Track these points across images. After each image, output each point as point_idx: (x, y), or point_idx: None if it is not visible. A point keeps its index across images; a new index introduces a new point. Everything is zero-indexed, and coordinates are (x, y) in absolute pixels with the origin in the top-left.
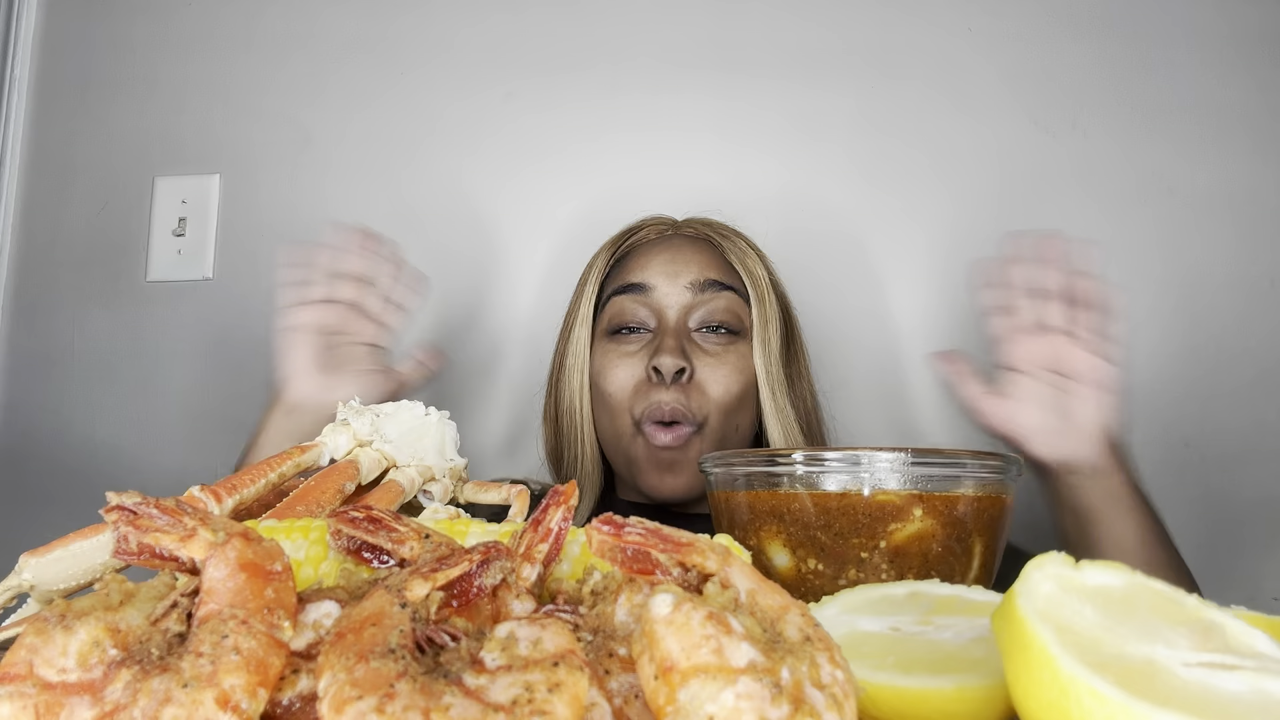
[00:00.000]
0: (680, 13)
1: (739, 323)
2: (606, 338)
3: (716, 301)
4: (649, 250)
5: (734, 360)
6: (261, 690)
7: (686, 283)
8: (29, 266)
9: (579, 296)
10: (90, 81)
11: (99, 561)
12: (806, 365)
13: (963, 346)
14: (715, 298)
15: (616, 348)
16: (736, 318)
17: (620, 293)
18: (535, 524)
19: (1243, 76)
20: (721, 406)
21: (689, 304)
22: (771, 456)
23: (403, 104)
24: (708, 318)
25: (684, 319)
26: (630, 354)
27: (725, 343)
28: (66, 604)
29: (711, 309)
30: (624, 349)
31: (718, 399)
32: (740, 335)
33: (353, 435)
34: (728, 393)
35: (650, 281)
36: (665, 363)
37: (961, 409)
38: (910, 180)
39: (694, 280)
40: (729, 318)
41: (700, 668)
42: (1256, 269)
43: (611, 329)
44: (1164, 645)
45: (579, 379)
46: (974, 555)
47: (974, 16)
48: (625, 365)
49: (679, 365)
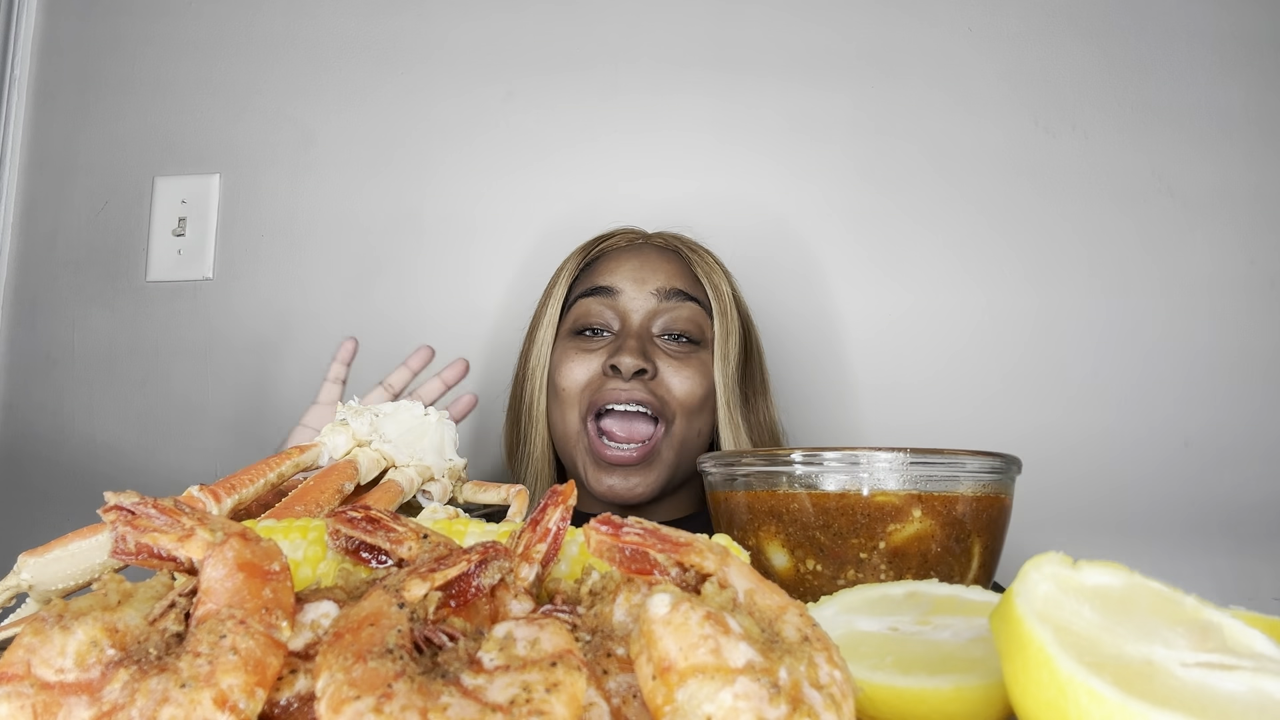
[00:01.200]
0: (679, 13)
1: (700, 333)
2: (569, 337)
3: (680, 310)
4: (618, 256)
5: (696, 365)
6: (259, 690)
7: (653, 289)
8: (29, 266)
9: (547, 298)
10: (90, 81)
11: (97, 561)
12: (766, 383)
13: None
14: (679, 306)
15: (576, 345)
16: (698, 328)
17: (587, 295)
18: (533, 524)
19: (1243, 77)
20: (686, 407)
21: (653, 310)
22: (771, 456)
23: (402, 104)
24: (670, 325)
25: (647, 324)
26: (590, 351)
27: (687, 350)
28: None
29: (674, 317)
30: (584, 346)
31: (682, 399)
32: (701, 345)
33: (352, 435)
34: (691, 394)
35: (617, 285)
36: (625, 362)
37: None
38: (910, 180)
39: (660, 287)
40: (691, 327)
41: (698, 668)
42: (1256, 269)
43: (575, 329)
44: (1162, 645)
45: (539, 378)
46: (973, 555)
47: (974, 16)
48: (582, 362)
49: (639, 365)
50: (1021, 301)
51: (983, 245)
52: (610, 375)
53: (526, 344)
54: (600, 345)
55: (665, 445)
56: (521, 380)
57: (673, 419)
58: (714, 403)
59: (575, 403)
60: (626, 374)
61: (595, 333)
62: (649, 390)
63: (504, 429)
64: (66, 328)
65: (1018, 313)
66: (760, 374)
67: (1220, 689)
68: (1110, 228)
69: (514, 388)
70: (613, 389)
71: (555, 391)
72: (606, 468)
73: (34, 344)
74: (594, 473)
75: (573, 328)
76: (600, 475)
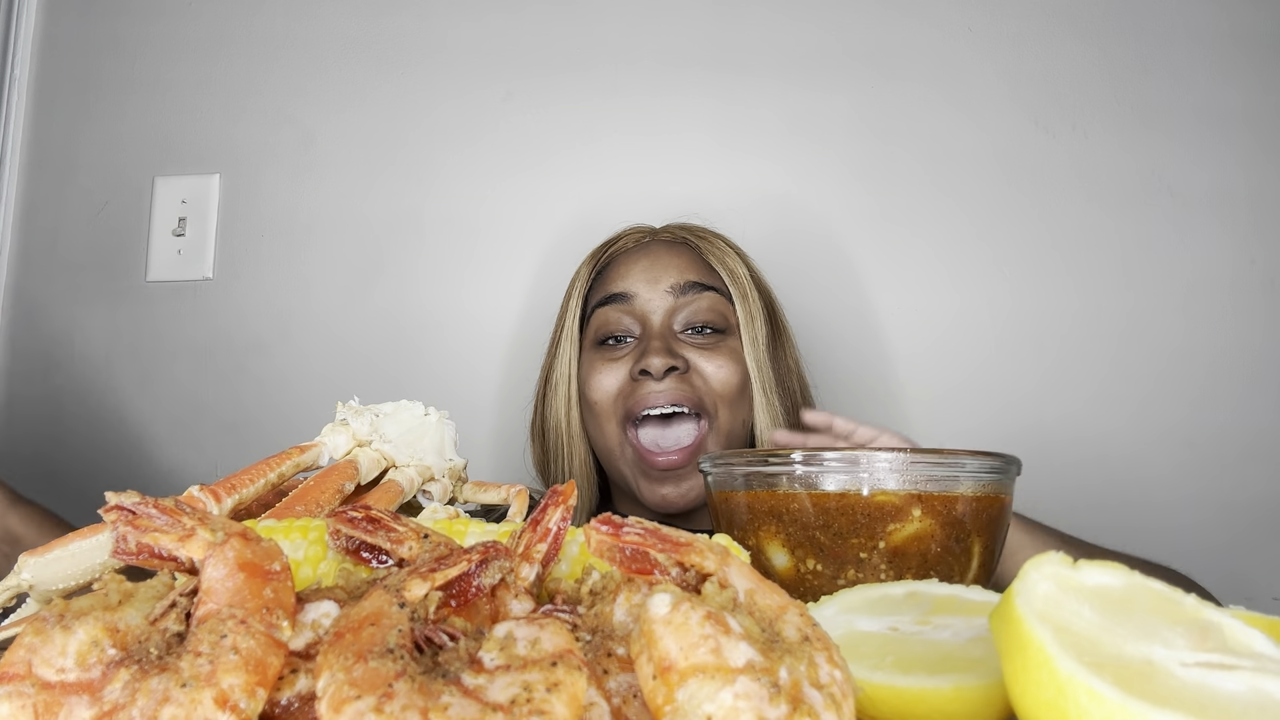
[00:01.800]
0: (679, 14)
1: (724, 321)
2: (593, 349)
3: (699, 302)
4: (628, 259)
5: (727, 352)
6: (260, 690)
7: (667, 286)
8: (29, 266)
9: (564, 312)
10: (90, 81)
11: (98, 561)
12: (795, 357)
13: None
14: (697, 299)
15: (601, 356)
16: (721, 316)
17: (603, 304)
18: (534, 524)
19: (1242, 77)
20: (725, 397)
21: (672, 307)
22: (770, 456)
23: (402, 104)
24: (692, 319)
25: (668, 322)
26: (615, 359)
27: (714, 341)
28: (65, 604)
29: (695, 310)
30: (609, 356)
31: (719, 388)
32: (727, 333)
33: (352, 435)
34: (727, 382)
35: (631, 289)
36: (654, 363)
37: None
38: (910, 180)
39: (674, 283)
40: (713, 317)
41: (698, 667)
42: (1256, 269)
43: (598, 340)
44: (1162, 645)
45: (565, 392)
46: (973, 555)
47: (974, 16)
48: (610, 371)
49: (668, 364)
50: (1020, 302)
51: (981, 246)
52: (640, 380)
53: (548, 361)
54: (625, 352)
55: (711, 441)
56: (545, 398)
57: (715, 412)
58: (751, 390)
59: (611, 414)
60: (658, 374)
61: (618, 340)
62: (684, 386)
63: (531, 450)
64: (66, 328)
65: (1016, 313)
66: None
67: (1220, 689)
68: (1109, 228)
69: (538, 407)
70: (647, 393)
71: (588, 405)
72: (658, 477)
73: (34, 344)
74: (646, 484)
75: (595, 339)
76: (653, 486)
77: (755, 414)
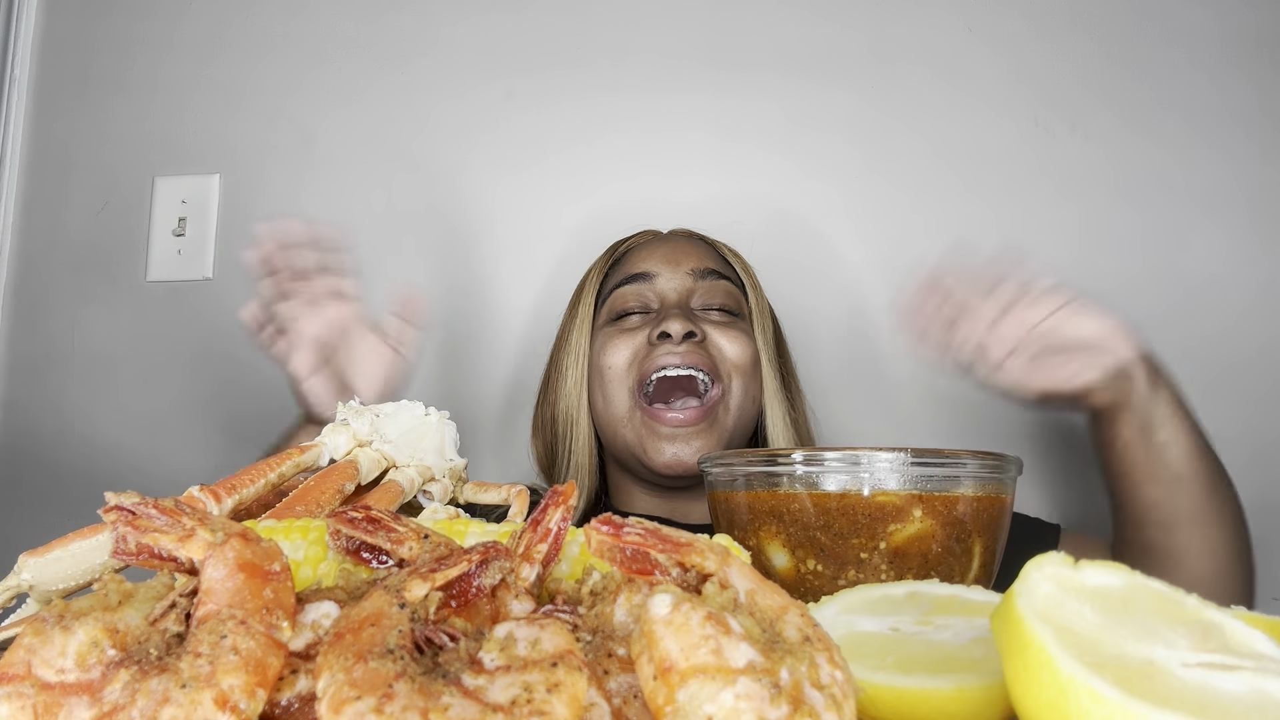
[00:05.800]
0: (679, 13)
1: (738, 307)
2: (609, 325)
3: (717, 285)
4: (647, 247)
5: (743, 329)
6: (260, 690)
7: (688, 269)
8: (29, 266)
9: (576, 303)
10: (90, 81)
11: (98, 562)
12: (793, 368)
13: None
14: (715, 284)
15: (618, 329)
16: (736, 302)
17: (623, 284)
18: (534, 524)
19: (1242, 77)
20: (740, 368)
21: (690, 288)
22: (771, 456)
23: (402, 104)
24: (709, 299)
25: (686, 300)
26: (631, 329)
27: (729, 320)
28: (65, 604)
29: (712, 292)
30: (625, 328)
31: (734, 359)
32: (741, 317)
33: (352, 435)
34: (742, 355)
35: (653, 269)
36: (674, 326)
37: (1001, 393)
38: (910, 180)
39: (695, 268)
40: (729, 300)
41: (699, 668)
42: (1256, 269)
43: (614, 316)
44: (1163, 645)
45: (576, 375)
46: (974, 555)
47: (974, 16)
48: (626, 340)
49: (688, 328)
50: None
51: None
52: (658, 343)
53: (556, 353)
54: (641, 323)
55: (723, 408)
56: (549, 389)
57: (728, 382)
58: (762, 373)
59: (623, 380)
60: (677, 338)
61: (634, 313)
62: (700, 352)
63: (533, 448)
64: (66, 328)
65: None
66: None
67: (1221, 689)
68: (1109, 227)
69: (540, 402)
70: (664, 353)
71: (599, 375)
72: (667, 436)
73: (34, 344)
74: (653, 444)
75: (610, 317)
76: (661, 445)
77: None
